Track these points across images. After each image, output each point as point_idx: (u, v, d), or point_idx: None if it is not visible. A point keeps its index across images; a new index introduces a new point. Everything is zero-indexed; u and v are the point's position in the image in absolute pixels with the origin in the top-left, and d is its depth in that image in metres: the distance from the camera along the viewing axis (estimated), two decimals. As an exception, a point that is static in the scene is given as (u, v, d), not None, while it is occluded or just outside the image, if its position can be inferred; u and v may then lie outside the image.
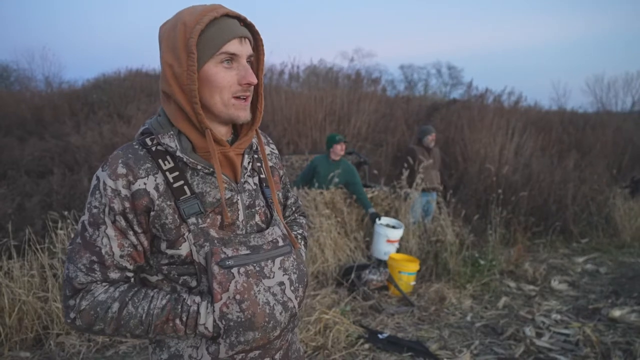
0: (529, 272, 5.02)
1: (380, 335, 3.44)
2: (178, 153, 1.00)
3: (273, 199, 1.13)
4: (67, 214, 3.90)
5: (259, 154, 1.19)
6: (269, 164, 1.22)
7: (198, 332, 0.99)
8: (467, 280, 4.69)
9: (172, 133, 1.02)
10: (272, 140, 1.29)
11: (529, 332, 3.63)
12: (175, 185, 1.00)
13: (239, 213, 1.07)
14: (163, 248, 1.01)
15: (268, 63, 12.88)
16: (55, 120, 10.55)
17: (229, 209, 1.05)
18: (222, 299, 0.98)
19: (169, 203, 0.99)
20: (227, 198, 1.05)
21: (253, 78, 1.00)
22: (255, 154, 1.17)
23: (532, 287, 4.74)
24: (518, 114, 10.39)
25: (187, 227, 1.00)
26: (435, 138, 5.79)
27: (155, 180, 0.99)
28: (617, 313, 3.92)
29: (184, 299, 1.00)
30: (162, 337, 1.02)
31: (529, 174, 7.41)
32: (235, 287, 0.99)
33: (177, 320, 0.98)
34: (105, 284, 1.01)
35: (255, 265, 1.03)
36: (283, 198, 1.34)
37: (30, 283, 3.19)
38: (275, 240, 1.10)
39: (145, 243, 1.02)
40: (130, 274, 1.05)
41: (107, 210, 0.98)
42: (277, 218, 1.14)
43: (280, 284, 1.07)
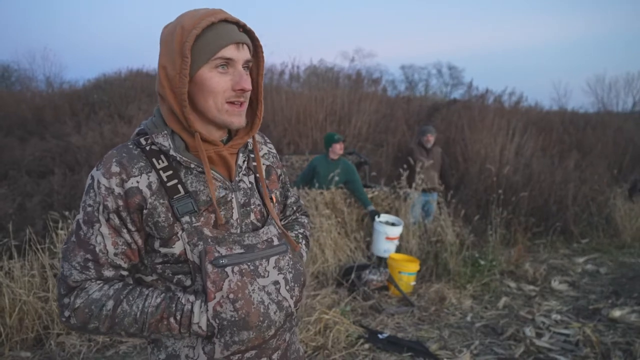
0: (529, 272, 5.02)
1: (380, 336, 3.44)
2: (171, 152, 1.01)
3: (265, 199, 1.13)
4: (67, 214, 3.90)
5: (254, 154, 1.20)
6: (267, 163, 1.22)
7: (192, 331, 0.99)
8: (467, 281, 4.70)
9: (165, 133, 1.03)
10: (269, 140, 1.29)
11: (529, 332, 3.63)
12: (169, 184, 1.00)
13: (233, 211, 1.07)
14: (156, 246, 1.02)
15: (268, 63, 12.89)
16: (56, 121, 10.57)
17: (223, 207, 1.05)
18: (215, 298, 0.98)
19: (162, 201, 1.00)
20: (221, 196, 1.05)
21: (247, 84, 0.99)
22: (251, 154, 1.17)
23: (532, 287, 4.74)
24: (519, 114, 10.40)
25: (180, 225, 1.00)
26: (435, 138, 5.79)
27: (149, 179, 1.00)
28: (617, 313, 3.92)
29: (179, 298, 1.00)
30: (156, 336, 1.02)
31: (530, 174, 7.41)
32: (229, 286, 0.99)
33: (171, 319, 0.99)
34: (100, 282, 1.02)
35: (250, 264, 1.03)
36: (283, 197, 1.34)
37: (31, 283, 3.20)
38: (270, 240, 1.09)
39: (139, 241, 1.03)
40: (125, 273, 1.05)
41: (101, 209, 0.99)
42: (272, 217, 1.13)
43: (275, 283, 1.07)
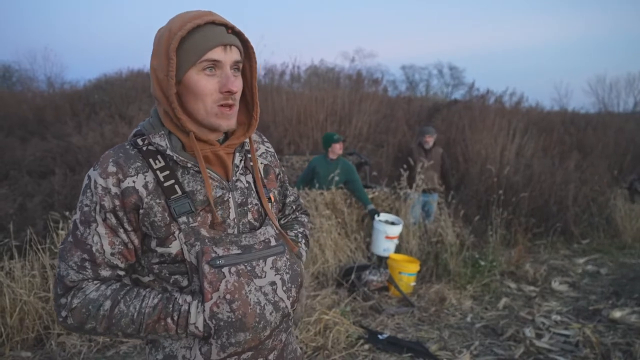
0: (530, 273, 5.02)
1: (380, 336, 3.44)
2: (168, 152, 1.02)
3: (262, 199, 1.13)
4: (68, 214, 3.91)
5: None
6: (265, 162, 1.23)
7: (189, 331, 0.99)
8: (467, 281, 4.70)
9: (162, 133, 1.04)
10: (267, 139, 1.29)
11: (529, 333, 3.63)
12: (166, 184, 1.01)
13: (230, 211, 1.07)
14: (153, 246, 1.02)
15: (269, 64, 12.90)
16: (57, 121, 10.57)
17: (220, 207, 1.05)
18: (212, 299, 0.98)
19: (159, 201, 1.00)
20: (217, 196, 1.05)
21: (234, 86, 0.99)
22: (248, 153, 1.17)
23: (532, 288, 4.74)
24: (519, 115, 10.40)
25: (177, 225, 1.00)
26: (435, 139, 5.79)
27: (145, 179, 1.00)
28: (617, 314, 3.92)
29: (176, 298, 1.01)
30: (153, 336, 1.02)
31: (530, 175, 7.40)
32: (226, 286, 0.99)
33: (168, 320, 0.99)
34: (97, 282, 1.02)
35: (247, 265, 1.03)
36: (282, 196, 1.34)
37: (32, 283, 3.20)
38: (268, 240, 1.09)
39: (136, 241, 1.03)
40: (122, 273, 1.05)
41: (98, 209, 0.99)
42: (270, 217, 1.14)
43: (272, 284, 1.07)
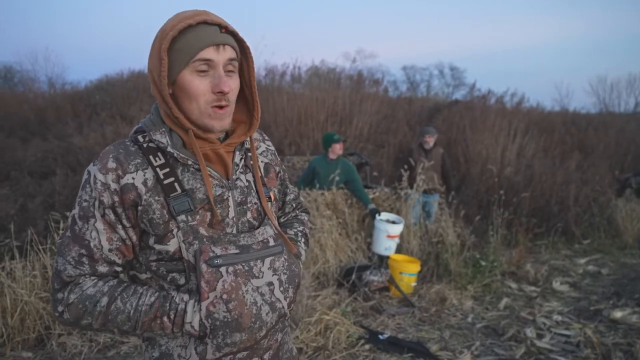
0: (531, 273, 5.01)
1: (381, 336, 3.44)
2: (169, 149, 1.02)
3: (262, 199, 1.13)
4: (69, 215, 3.91)
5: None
6: (265, 161, 1.23)
7: (184, 330, 0.99)
8: (468, 282, 4.69)
9: (163, 130, 1.04)
10: (268, 137, 1.29)
11: (530, 333, 3.63)
12: (166, 182, 1.01)
13: (230, 210, 1.07)
14: (151, 243, 1.02)
15: (270, 64, 12.90)
16: (58, 121, 10.60)
17: (219, 206, 1.05)
18: (209, 298, 0.98)
19: (157, 198, 1.00)
20: (217, 195, 1.05)
21: (225, 86, 0.98)
22: (248, 152, 1.17)
23: (533, 288, 4.74)
24: (520, 115, 10.39)
25: (176, 223, 1.00)
26: (435, 139, 5.79)
27: (144, 176, 1.00)
28: (618, 314, 3.92)
29: (172, 297, 1.01)
30: (149, 334, 1.02)
31: (531, 175, 7.40)
32: (223, 286, 0.99)
33: (164, 318, 0.99)
34: (94, 278, 1.02)
35: (244, 265, 1.03)
36: (282, 194, 1.34)
37: (33, 283, 3.21)
38: (266, 240, 1.09)
39: (134, 237, 1.03)
40: (119, 269, 1.05)
41: (96, 204, 0.99)
42: (269, 217, 1.13)
43: (269, 284, 1.06)
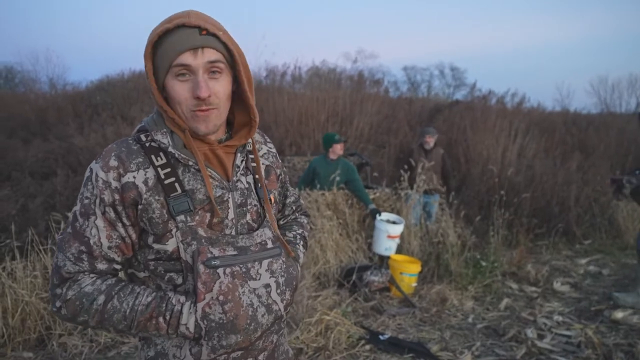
0: (531, 273, 5.00)
1: (382, 337, 3.44)
2: (170, 149, 1.02)
3: (265, 203, 1.13)
4: (70, 212, 3.91)
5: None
6: (266, 163, 1.23)
7: (179, 332, 1.00)
8: (468, 282, 4.69)
9: (165, 130, 1.04)
10: (269, 139, 1.29)
11: (531, 333, 3.63)
12: (167, 182, 1.01)
13: (229, 211, 1.07)
14: (150, 242, 1.03)
15: (270, 64, 12.89)
16: (59, 122, 10.61)
17: (219, 207, 1.05)
18: (205, 299, 0.99)
19: (158, 198, 1.00)
20: (217, 196, 1.05)
21: (202, 92, 0.97)
22: (250, 154, 1.17)
23: (534, 288, 4.74)
24: (521, 115, 10.38)
25: (175, 223, 1.00)
26: (435, 140, 5.79)
27: (145, 175, 1.01)
28: (619, 315, 3.91)
29: (169, 298, 1.01)
30: (144, 334, 1.03)
31: (532, 176, 7.39)
32: (220, 287, 1.00)
33: (160, 319, 0.99)
34: (93, 276, 1.02)
35: (242, 267, 1.03)
36: (282, 197, 1.34)
37: (33, 284, 3.21)
38: (264, 242, 1.09)
39: (134, 236, 1.04)
40: (118, 267, 1.06)
41: (97, 202, 1.00)
42: (268, 220, 1.14)
43: (266, 286, 1.07)
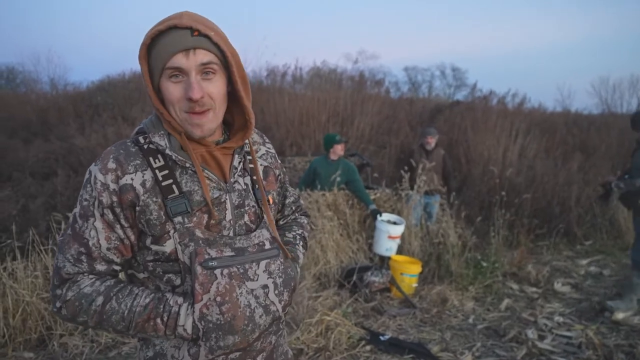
0: (532, 274, 5.00)
1: (382, 337, 3.44)
2: (167, 151, 1.03)
3: (264, 205, 1.13)
4: (71, 213, 3.91)
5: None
6: (265, 164, 1.23)
7: (177, 333, 1.00)
8: (469, 282, 4.69)
9: (162, 132, 1.05)
10: (268, 140, 1.29)
11: (532, 334, 3.62)
12: (164, 184, 1.02)
13: (227, 212, 1.07)
14: (148, 243, 1.03)
15: (271, 65, 12.90)
16: (60, 122, 10.62)
17: (217, 208, 1.06)
18: (202, 300, 0.99)
19: (155, 199, 1.01)
20: (214, 197, 1.06)
21: (193, 94, 0.97)
22: (248, 155, 1.17)
23: (534, 289, 4.73)
24: (522, 116, 10.36)
25: (172, 225, 1.01)
26: (436, 140, 5.79)
27: (143, 177, 1.01)
28: (620, 316, 3.91)
29: (167, 299, 1.01)
30: (142, 335, 1.03)
31: (533, 176, 7.39)
32: (217, 288, 1.00)
33: (157, 320, 1.00)
34: (92, 277, 1.03)
35: (239, 268, 1.04)
36: (281, 197, 1.34)
37: (34, 284, 3.22)
38: (262, 243, 1.10)
39: (132, 237, 1.04)
40: (118, 268, 1.07)
41: (96, 204, 1.01)
42: (266, 221, 1.14)
43: (264, 287, 1.07)
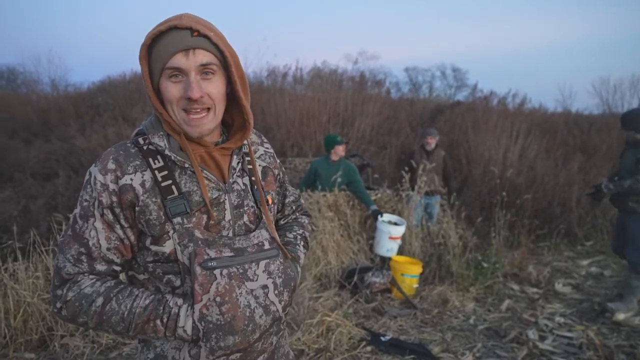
0: (533, 274, 5.00)
1: (383, 338, 3.44)
2: (166, 152, 1.03)
3: (263, 205, 1.14)
4: (71, 214, 3.92)
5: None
6: (263, 164, 1.23)
7: (177, 335, 1.00)
8: (470, 283, 4.69)
9: (161, 133, 1.06)
10: (267, 140, 1.30)
11: (532, 335, 3.62)
12: (164, 185, 1.02)
13: (226, 213, 1.08)
14: (147, 244, 1.04)
15: (272, 65, 12.91)
16: (61, 123, 10.63)
17: (216, 209, 1.06)
18: (202, 301, 0.99)
19: (155, 200, 1.01)
20: (213, 198, 1.06)
21: (192, 93, 0.98)
22: (246, 156, 1.18)
23: (535, 290, 4.73)
24: (522, 116, 10.36)
25: (172, 225, 1.02)
26: (437, 141, 5.79)
27: (142, 177, 1.02)
28: (621, 316, 3.90)
29: (167, 301, 1.02)
30: (142, 336, 1.04)
31: (534, 177, 7.38)
32: (217, 288, 1.00)
33: (157, 321, 1.00)
34: (93, 277, 1.04)
35: (239, 268, 1.04)
36: (281, 197, 1.35)
37: (35, 285, 3.22)
38: (261, 243, 1.10)
39: (132, 237, 1.05)
40: (118, 268, 1.07)
41: (96, 204, 1.01)
42: (265, 221, 1.14)
43: (264, 287, 1.07)
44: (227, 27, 1.08)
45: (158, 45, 0.99)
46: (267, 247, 1.11)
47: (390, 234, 4.70)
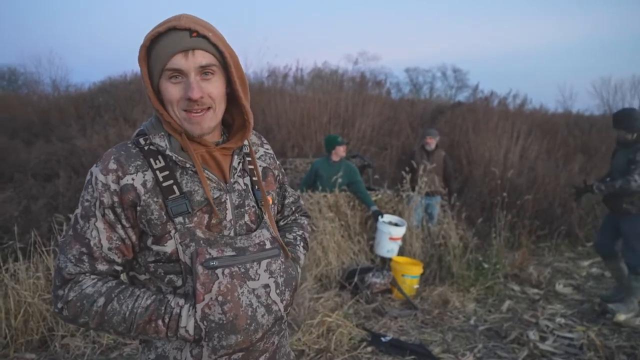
0: (534, 275, 5.00)
1: (383, 339, 3.44)
2: (167, 152, 1.03)
3: (265, 204, 1.14)
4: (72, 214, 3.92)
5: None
6: (263, 165, 1.24)
7: (179, 335, 1.00)
8: (470, 284, 4.69)
9: (162, 134, 1.06)
10: (266, 141, 1.30)
11: (533, 335, 3.62)
12: (165, 185, 1.03)
13: (227, 212, 1.08)
14: (149, 243, 1.04)
15: (272, 66, 12.91)
16: (62, 123, 10.64)
17: (217, 209, 1.07)
18: (204, 300, 0.99)
19: (156, 200, 1.02)
20: (215, 197, 1.06)
21: (193, 93, 0.99)
22: (247, 156, 1.18)
23: (536, 290, 4.73)
24: (523, 117, 10.35)
25: (173, 225, 1.02)
26: (437, 141, 5.79)
27: (144, 177, 1.02)
28: (621, 317, 3.90)
29: (168, 301, 1.02)
30: (144, 337, 1.04)
31: (534, 177, 7.38)
32: (219, 288, 1.01)
33: (159, 321, 1.00)
34: (94, 277, 1.04)
35: (241, 267, 1.04)
36: (281, 197, 1.35)
37: (36, 285, 3.22)
38: (262, 243, 1.10)
39: (133, 237, 1.05)
40: (119, 268, 1.07)
41: (97, 204, 1.02)
42: (266, 221, 1.15)
43: (265, 287, 1.07)
44: (227, 27, 1.08)
45: (157, 47, 0.99)
46: (268, 246, 1.11)
47: (391, 235, 4.70)
